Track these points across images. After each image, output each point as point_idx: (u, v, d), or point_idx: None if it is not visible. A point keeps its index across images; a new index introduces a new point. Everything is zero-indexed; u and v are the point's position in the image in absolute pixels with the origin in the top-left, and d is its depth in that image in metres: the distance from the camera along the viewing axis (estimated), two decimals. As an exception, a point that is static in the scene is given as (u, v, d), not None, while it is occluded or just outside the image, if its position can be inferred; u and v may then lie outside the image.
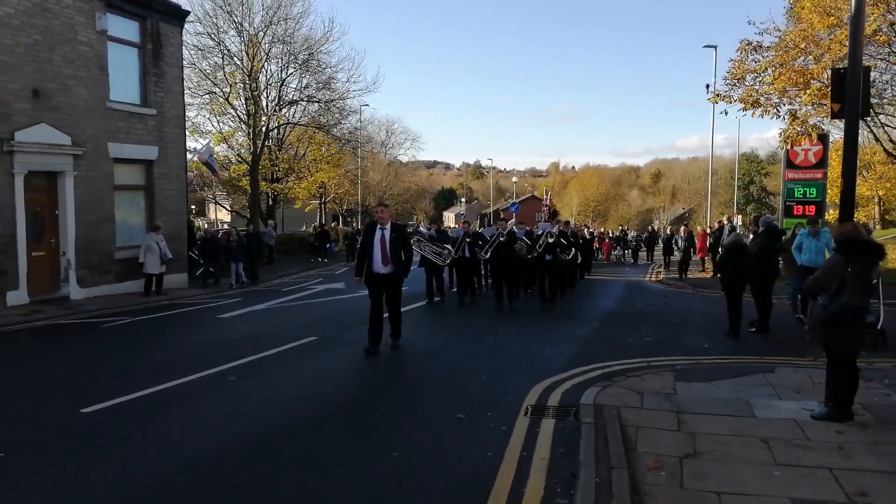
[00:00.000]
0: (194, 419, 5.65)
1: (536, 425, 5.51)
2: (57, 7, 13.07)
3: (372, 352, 8.17)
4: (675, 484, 4.23)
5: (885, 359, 7.98)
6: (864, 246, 5.36)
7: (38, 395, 6.43)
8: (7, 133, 12.13)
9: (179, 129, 16.69)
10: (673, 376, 7.15)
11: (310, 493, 4.17)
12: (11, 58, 12.18)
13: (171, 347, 9.01)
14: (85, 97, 13.74)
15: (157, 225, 14.98)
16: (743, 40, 17.08)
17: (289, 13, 27.62)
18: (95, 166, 14.06)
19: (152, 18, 15.52)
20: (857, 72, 6.53)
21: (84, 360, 8.25)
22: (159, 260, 14.58)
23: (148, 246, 14.51)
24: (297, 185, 34.55)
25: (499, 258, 12.88)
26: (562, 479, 4.37)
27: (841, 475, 4.34)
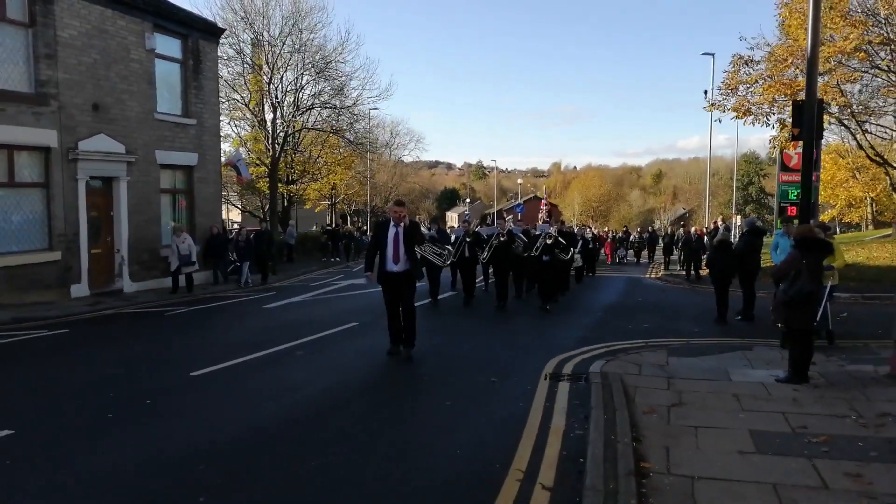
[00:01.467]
0: (281, 380, 7.05)
1: (555, 386, 6.90)
2: (113, 28, 14.48)
3: (395, 352, 8.19)
4: (663, 422, 5.61)
5: (848, 340, 9.40)
6: (815, 243, 6.76)
7: (151, 364, 7.86)
8: (72, 143, 13.55)
9: (216, 137, 18.13)
10: (666, 353, 8.54)
11: (393, 423, 5.56)
12: (75, 75, 13.60)
13: (239, 330, 10.45)
14: (136, 109, 15.16)
15: (178, 227, 15.45)
16: (735, 54, 18.52)
17: (306, 24, 29.09)
18: (145, 172, 15.48)
19: (193, 36, 16.93)
20: (812, 104, 7.98)
21: (168, 341, 9.69)
22: (178, 260, 14.92)
23: (171, 249, 15.07)
24: (311, 186, 36.02)
25: (498, 258, 13.12)
26: (577, 419, 5.75)
27: (790, 417, 5.71)
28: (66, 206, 13.50)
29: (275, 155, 29.38)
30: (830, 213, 40.10)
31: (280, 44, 28.61)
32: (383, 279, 8.08)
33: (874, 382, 6.90)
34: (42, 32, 12.93)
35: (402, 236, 7.98)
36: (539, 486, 4.30)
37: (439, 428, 5.54)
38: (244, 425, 5.54)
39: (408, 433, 5.42)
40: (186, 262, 15.02)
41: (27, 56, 12.85)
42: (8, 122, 12.29)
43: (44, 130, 13.01)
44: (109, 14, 14.35)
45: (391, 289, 8.09)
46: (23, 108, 12.62)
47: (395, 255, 7.97)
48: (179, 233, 15.12)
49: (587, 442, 5.02)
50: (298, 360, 8.11)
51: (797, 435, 5.20)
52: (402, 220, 8.07)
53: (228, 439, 5.18)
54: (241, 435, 5.29)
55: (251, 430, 5.42)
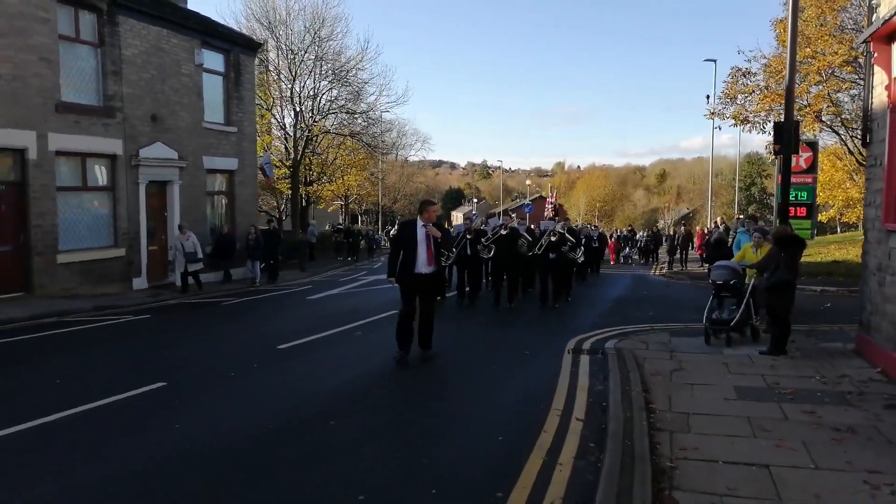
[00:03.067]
0: (348, 355, 8.54)
1: (577, 358, 8.37)
2: (167, 46, 16.01)
3: (403, 359, 7.80)
4: (666, 380, 7.08)
5: (827, 325, 10.86)
6: (791, 240, 8.23)
7: (240, 341, 9.42)
8: (134, 151, 15.08)
9: (252, 143, 19.66)
10: (669, 334, 10.01)
11: (459, 379, 7.05)
12: (136, 90, 15.13)
13: (297, 317, 11.98)
14: (187, 119, 16.69)
15: (181, 226, 15.55)
16: (734, 67, 20.00)
17: (327, 34, 30.60)
18: (194, 176, 17.01)
19: (234, 51, 18.45)
20: (789, 125, 9.50)
21: (241, 324, 11.21)
22: (184, 258, 15.03)
23: (174, 248, 15.34)
24: (327, 187, 37.58)
25: (500, 255, 12.75)
26: (598, 379, 7.23)
27: (767, 377, 7.18)
28: (129, 207, 15.04)
29: (296, 157, 30.91)
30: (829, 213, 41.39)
31: (302, 52, 30.15)
32: (410, 281, 7.67)
33: (841, 355, 8.36)
34: (109, 51, 14.46)
35: (434, 237, 7.71)
36: (574, 418, 5.79)
37: (495, 382, 7.05)
38: (333, 383, 7.04)
39: (473, 386, 6.94)
40: (193, 259, 15.10)
41: (97, 73, 14.38)
42: (82, 133, 13.82)
43: (111, 140, 14.54)
44: (165, 33, 15.87)
45: (416, 292, 7.72)
46: (94, 119, 14.15)
47: (429, 257, 7.69)
48: (184, 231, 15.31)
49: (608, 392, 6.51)
50: (358, 338, 9.61)
51: (770, 389, 6.67)
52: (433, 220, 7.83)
53: (327, 392, 6.69)
54: (332, 390, 6.79)
55: (338, 390, 6.92)
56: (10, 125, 12.31)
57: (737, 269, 9.37)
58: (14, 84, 12.37)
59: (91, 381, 6.92)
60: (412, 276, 7.66)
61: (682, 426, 5.47)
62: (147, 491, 4.23)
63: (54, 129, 13.15)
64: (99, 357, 8.48)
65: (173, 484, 4.33)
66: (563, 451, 4.94)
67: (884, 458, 4.70)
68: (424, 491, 4.23)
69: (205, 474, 4.51)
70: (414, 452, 4.95)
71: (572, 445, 5.10)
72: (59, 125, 13.27)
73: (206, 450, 4.98)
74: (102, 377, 7.16)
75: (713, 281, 9.36)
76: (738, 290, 9.12)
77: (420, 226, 7.71)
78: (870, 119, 8.10)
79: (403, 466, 4.67)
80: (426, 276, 7.75)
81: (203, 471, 4.58)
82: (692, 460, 4.66)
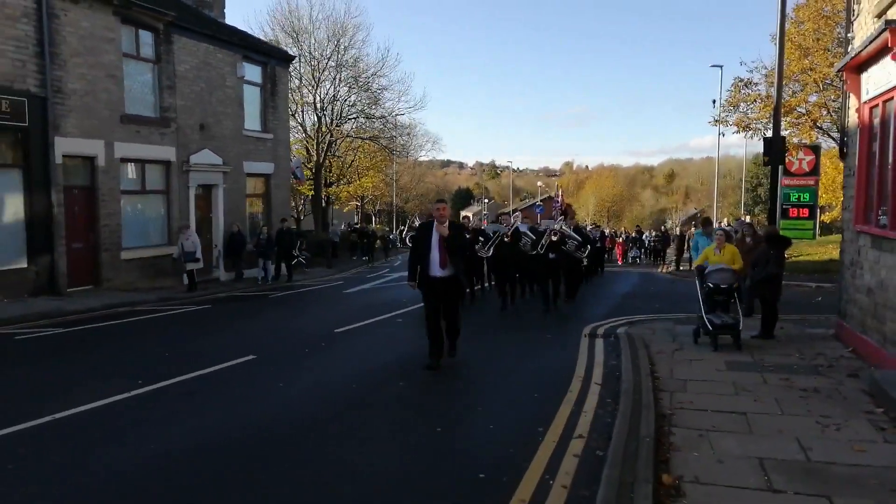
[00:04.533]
0: (395, 335, 9.94)
1: (592, 341, 9.73)
2: (214, 61, 17.48)
3: (434, 367, 7.51)
4: (669, 357, 8.43)
5: (815, 315, 12.17)
6: (779, 238, 9.58)
7: (300, 326, 10.83)
8: (185, 157, 16.56)
9: (286, 149, 21.13)
10: (673, 323, 11.35)
11: (495, 352, 8.44)
12: (188, 102, 16.60)
13: (341, 307, 13.42)
14: (230, 128, 18.16)
15: (184, 225, 15.94)
16: (736, 77, 21.32)
17: (348, 43, 32.06)
18: (236, 180, 18.48)
19: (270, 64, 19.91)
20: (777, 140, 10.85)
21: (295, 313, 12.71)
22: (183, 258, 15.38)
23: (179, 245, 15.56)
24: (345, 188, 39.10)
25: (503, 257, 12.62)
26: (612, 356, 8.59)
27: (754, 354, 8.51)
28: (181, 209, 16.51)
29: (318, 160, 32.39)
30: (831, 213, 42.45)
31: (324, 60, 31.62)
32: (426, 285, 7.57)
33: (821, 339, 9.69)
34: (165, 67, 15.94)
35: (448, 238, 7.44)
36: (593, 383, 7.17)
37: (526, 358, 8.45)
38: (391, 356, 8.45)
39: (509, 360, 8.32)
40: (191, 258, 15.38)
41: (154, 87, 15.86)
42: (142, 142, 15.30)
43: (166, 147, 16.02)
44: (211, 49, 17.35)
45: (435, 296, 7.56)
46: (152, 129, 15.63)
47: (442, 259, 7.43)
48: (185, 231, 15.58)
49: (620, 365, 7.88)
50: (400, 324, 11.02)
51: (756, 363, 8.01)
52: (446, 220, 7.60)
53: (388, 361, 8.10)
54: (392, 359, 8.19)
55: (397, 360, 8.33)
56: (82, 135, 13.79)
57: (734, 271, 9.29)
58: (86, 98, 13.85)
59: (195, 355, 8.35)
60: (428, 280, 7.52)
61: (680, 388, 6.83)
62: (275, 422, 5.63)
63: (119, 139, 14.63)
64: (190, 337, 9.97)
65: (293, 416, 5.74)
66: (586, 403, 6.33)
67: (837, 408, 6.04)
68: (484, 424, 5.63)
69: (312, 410, 5.92)
70: (472, 402, 6.37)
71: (593, 400, 6.48)
72: (123, 135, 14.76)
73: (308, 398, 6.42)
74: (202, 352, 8.58)
75: (715, 285, 9.08)
76: (733, 292, 9.13)
77: (435, 227, 7.51)
78: (846, 135, 9.43)
79: (467, 409, 6.09)
80: (441, 280, 7.47)
81: (311, 408, 5.99)
82: (687, 410, 6.02)
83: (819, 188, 33.96)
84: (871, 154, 8.11)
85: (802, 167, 28.21)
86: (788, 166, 26.58)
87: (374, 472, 4.61)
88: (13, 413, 5.77)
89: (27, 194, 12.75)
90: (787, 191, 27.92)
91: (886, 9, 7.61)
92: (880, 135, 7.74)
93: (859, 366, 7.66)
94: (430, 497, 4.19)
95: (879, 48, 7.18)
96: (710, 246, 9.95)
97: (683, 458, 4.74)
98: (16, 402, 6.25)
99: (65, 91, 13.34)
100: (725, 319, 8.80)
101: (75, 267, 13.82)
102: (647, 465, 4.43)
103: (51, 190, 13.06)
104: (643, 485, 4.06)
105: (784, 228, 21.60)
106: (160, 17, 15.54)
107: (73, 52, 13.48)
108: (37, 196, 12.86)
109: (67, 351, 8.90)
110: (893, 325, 7.02)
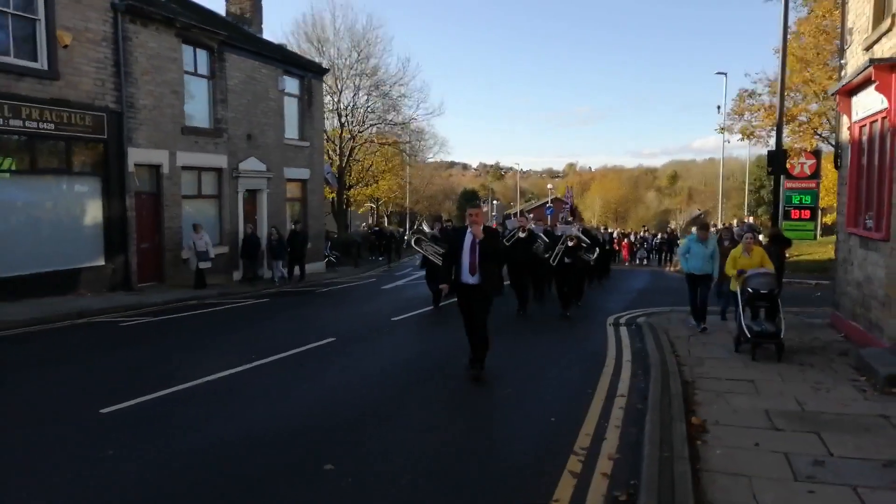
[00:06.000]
0: (447, 322, 11.34)
1: (617, 329, 11.14)
2: (258, 76, 18.94)
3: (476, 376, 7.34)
4: (686, 341, 9.82)
5: (814, 308, 13.55)
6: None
7: (358, 315, 12.27)
8: (235, 165, 18.02)
9: (321, 156, 22.58)
10: (687, 313, 12.64)
11: (534, 339, 9.85)
12: (237, 114, 18.07)
13: (385, 300, 14.82)
14: (272, 137, 19.61)
15: (196, 225, 16.01)
16: (741, 89, 22.72)
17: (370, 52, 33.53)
18: (277, 185, 19.94)
19: (307, 77, 21.37)
20: (779, 152, 12.29)
21: (348, 305, 14.14)
22: (195, 257, 15.67)
23: (188, 246, 15.94)
24: (363, 191, 40.58)
25: (516, 260, 12.46)
26: (636, 340, 9.99)
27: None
28: (231, 212, 17.97)
29: (341, 164, 33.86)
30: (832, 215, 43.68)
31: (347, 68, 33.09)
32: (458, 290, 7.43)
33: (818, 327, 11.07)
34: (218, 83, 17.40)
35: (480, 244, 7.18)
36: (624, 360, 8.59)
37: (563, 342, 9.89)
38: (446, 340, 9.87)
39: (547, 344, 9.75)
40: (204, 258, 15.70)
41: (209, 101, 17.32)
42: (199, 151, 16.77)
43: (219, 156, 17.48)
44: (257, 65, 18.80)
45: (466, 302, 7.39)
46: (207, 139, 17.09)
47: (472, 266, 7.20)
48: (199, 231, 15.81)
49: (646, 346, 9.29)
50: (447, 315, 12.42)
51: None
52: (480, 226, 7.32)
53: (446, 344, 9.52)
54: (450, 343, 9.61)
55: (457, 340, 9.74)
56: (150, 146, 15.25)
57: (774, 274, 8.84)
58: (153, 112, 15.31)
59: (285, 337, 9.75)
60: (459, 286, 7.37)
61: (698, 363, 8.24)
62: (364, 392, 7.05)
63: (181, 149, 16.10)
64: (269, 325, 11.33)
65: (376, 388, 7.16)
66: (622, 374, 7.76)
67: (828, 378, 7.43)
68: (546, 389, 7.06)
69: (392, 381, 7.34)
70: (531, 372, 7.79)
71: (626, 372, 7.91)
72: (184, 145, 16.22)
73: (383, 374, 7.81)
74: (289, 335, 9.97)
75: (755, 290, 8.50)
76: (775, 298, 8.55)
77: (469, 232, 7.28)
78: (840, 149, 10.82)
79: (530, 377, 7.51)
80: (470, 287, 7.25)
81: (391, 379, 7.41)
82: (705, 378, 7.42)
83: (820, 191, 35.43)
84: (860, 167, 9.50)
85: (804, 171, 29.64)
86: (791, 170, 27.98)
87: (477, 413, 6.05)
88: (180, 374, 7.25)
89: (105, 200, 14.21)
90: (790, 193, 29.31)
91: (873, 44, 9.01)
92: (867, 151, 9.14)
93: (849, 347, 9.05)
94: (520, 428, 5.62)
95: (866, 79, 8.58)
96: (738, 248, 9.52)
97: (706, 409, 6.15)
98: (157, 372, 7.66)
99: (136, 106, 14.80)
100: (766, 327, 8.22)
101: (143, 265, 15.27)
102: (680, 412, 5.86)
103: (125, 196, 14.52)
104: (678, 423, 5.47)
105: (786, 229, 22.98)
106: (215, 36, 17.00)
107: (143, 70, 14.94)
108: (113, 201, 14.31)
109: (171, 335, 10.36)
110: (877, 312, 8.42)
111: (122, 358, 8.54)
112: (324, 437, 5.42)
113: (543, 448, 5.15)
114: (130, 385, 6.93)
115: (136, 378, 7.35)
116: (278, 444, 5.21)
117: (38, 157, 12.96)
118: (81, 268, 13.75)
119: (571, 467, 4.69)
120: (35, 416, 5.99)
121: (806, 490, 4.14)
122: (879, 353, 7.51)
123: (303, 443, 5.27)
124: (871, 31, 8.90)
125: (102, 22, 13.92)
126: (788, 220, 28.76)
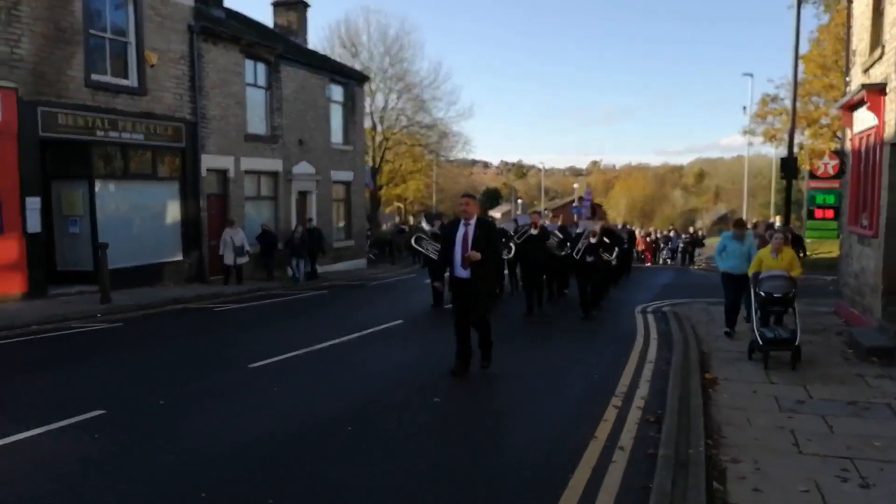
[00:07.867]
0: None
1: (645, 316, 12.54)
2: (309, 85, 20.61)
3: (459, 373, 7.25)
4: (705, 325, 11.17)
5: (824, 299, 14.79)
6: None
7: (413, 304, 13.81)
8: (288, 168, 19.71)
9: (362, 158, 24.25)
10: (707, 304, 14.09)
11: (567, 326, 11.29)
12: (290, 121, 19.75)
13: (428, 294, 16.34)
14: (321, 142, 21.29)
15: (231, 220, 16.58)
16: (764, 94, 23.93)
17: (402, 57, 35.16)
18: (324, 187, 21.61)
19: (350, 84, 23.03)
20: (791, 159, 13.60)
21: (399, 296, 15.71)
22: (233, 253, 16.14)
23: (224, 241, 16.25)
24: (393, 190, 42.27)
25: (528, 257, 12.35)
26: (662, 325, 11.39)
27: (771, 324, 11.25)
28: (285, 212, 19.67)
29: (374, 165, 35.52)
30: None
31: (381, 72, 34.72)
32: (452, 285, 7.34)
33: (824, 314, 12.35)
34: (275, 93, 19.10)
35: (472, 236, 7.01)
36: (651, 339, 10.02)
37: (600, 327, 11.35)
38: (504, 322, 11.36)
39: (585, 330, 11.19)
40: (240, 252, 16.23)
41: (266, 109, 19.02)
42: (259, 156, 18.47)
43: (275, 160, 19.18)
44: (307, 75, 20.48)
45: (461, 298, 7.23)
46: (265, 146, 18.79)
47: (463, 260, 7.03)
48: (234, 226, 16.29)
49: (670, 329, 10.70)
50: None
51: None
52: (472, 217, 7.12)
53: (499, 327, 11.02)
54: (510, 324, 11.10)
55: (511, 324, 11.22)
56: (219, 153, 16.97)
57: (790, 278, 8.12)
58: (221, 122, 17.03)
59: (358, 320, 11.31)
60: (452, 280, 7.30)
61: (713, 340, 9.65)
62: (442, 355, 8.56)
63: (244, 154, 17.81)
64: (342, 310, 12.99)
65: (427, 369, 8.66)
66: (650, 348, 9.23)
67: (822, 350, 8.79)
68: (592, 357, 8.54)
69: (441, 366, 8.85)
70: (578, 345, 9.25)
71: (654, 346, 9.37)
72: (246, 151, 17.93)
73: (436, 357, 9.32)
74: (358, 319, 11.56)
75: (767, 294, 7.95)
76: (790, 302, 8.00)
77: (461, 224, 7.15)
78: (844, 157, 12.10)
79: (579, 343, 8.97)
80: (464, 281, 7.13)
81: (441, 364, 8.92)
82: (720, 351, 8.83)
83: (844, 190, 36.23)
84: (859, 173, 10.81)
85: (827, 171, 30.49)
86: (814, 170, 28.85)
87: (546, 367, 7.56)
88: (295, 342, 9.12)
89: (182, 201, 15.95)
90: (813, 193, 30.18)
91: (871, 66, 10.32)
92: (864, 159, 10.45)
93: (846, 329, 10.38)
94: (577, 379, 7.12)
95: (862, 98, 9.90)
96: (766, 249, 8.71)
97: (717, 370, 7.59)
98: (271, 343, 9.27)
99: (207, 117, 16.53)
100: (779, 333, 7.70)
101: (212, 260, 16.99)
102: (696, 370, 7.32)
103: (199, 197, 16.26)
104: (695, 375, 6.96)
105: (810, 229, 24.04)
106: (272, 51, 18.69)
107: (212, 84, 16.66)
108: (189, 202, 16.05)
109: (264, 317, 12.17)
110: (869, 299, 9.75)
111: (235, 334, 10.45)
112: (427, 380, 7.19)
113: (594, 391, 6.79)
114: (259, 351, 8.65)
115: (259, 347, 9.04)
116: (393, 387, 6.98)
117: (129, 164, 14.73)
118: (164, 262, 15.52)
119: (614, 403, 6.28)
120: (210, 367, 8.09)
121: (787, 417, 5.60)
122: (867, 331, 8.87)
123: (414, 381, 7.16)
124: (868, 55, 10.22)
125: (181, 42, 15.65)
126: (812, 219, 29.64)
